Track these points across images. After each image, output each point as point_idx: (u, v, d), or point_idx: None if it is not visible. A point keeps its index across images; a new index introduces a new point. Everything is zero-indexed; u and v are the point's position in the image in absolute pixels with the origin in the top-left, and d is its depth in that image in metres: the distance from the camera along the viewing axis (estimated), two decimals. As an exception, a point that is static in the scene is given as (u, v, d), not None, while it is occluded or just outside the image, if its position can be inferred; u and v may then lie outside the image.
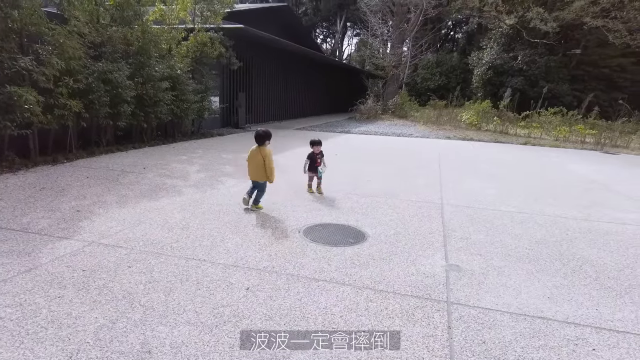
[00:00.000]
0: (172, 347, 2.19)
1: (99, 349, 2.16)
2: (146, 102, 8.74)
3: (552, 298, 2.93)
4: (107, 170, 6.46)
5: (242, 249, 3.56)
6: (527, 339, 2.42)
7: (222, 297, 2.74)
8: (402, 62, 23.37)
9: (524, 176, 7.70)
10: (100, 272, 3.01)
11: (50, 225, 3.94)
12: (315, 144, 5.56)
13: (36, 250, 3.35)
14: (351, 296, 2.83)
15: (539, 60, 21.11)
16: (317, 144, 5.56)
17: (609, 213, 5.29)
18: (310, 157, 5.56)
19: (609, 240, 4.25)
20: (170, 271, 3.09)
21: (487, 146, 12.25)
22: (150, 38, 8.98)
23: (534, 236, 4.26)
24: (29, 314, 2.43)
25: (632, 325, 2.63)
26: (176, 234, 3.86)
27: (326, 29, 51.45)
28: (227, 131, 12.98)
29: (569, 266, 3.52)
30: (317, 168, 5.53)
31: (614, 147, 13.04)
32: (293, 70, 19.68)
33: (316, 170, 5.54)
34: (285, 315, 2.56)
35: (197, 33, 10.68)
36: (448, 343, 2.35)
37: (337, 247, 3.71)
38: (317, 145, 5.56)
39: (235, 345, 2.23)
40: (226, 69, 12.90)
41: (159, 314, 2.50)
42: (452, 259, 3.56)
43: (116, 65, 7.73)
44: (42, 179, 5.74)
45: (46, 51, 6.48)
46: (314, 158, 5.54)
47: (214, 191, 5.50)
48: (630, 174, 8.57)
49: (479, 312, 2.70)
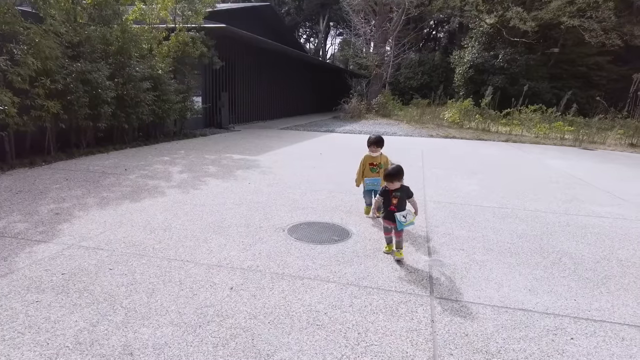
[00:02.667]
0: (154, 348, 2.16)
1: (79, 352, 2.11)
2: (127, 102, 8.59)
3: (533, 290, 3.00)
4: (87, 172, 6.33)
5: (225, 249, 3.54)
6: (508, 330, 2.47)
7: (206, 297, 2.72)
8: (385, 62, 23.53)
9: (506, 172, 7.83)
10: (80, 275, 2.95)
11: (28, 228, 3.84)
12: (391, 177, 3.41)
13: (13, 254, 3.26)
14: (335, 293, 2.84)
15: (519, 58, 21.52)
16: (393, 176, 3.39)
17: (587, 207, 5.43)
18: (384, 194, 3.49)
19: (587, 233, 4.37)
20: (152, 272, 3.05)
21: (469, 144, 12.43)
22: (130, 38, 8.82)
23: (515, 230, 4.34)
24: (5, 320, 2.37)
25: (609, 314, 2.71)
26: (158, 235, 3.81)
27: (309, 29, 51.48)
28: (210, 131, 12.86)
29: (548, 259, 3.60)
30: (394, 214, 3.36)
31: (592, 143, 13.39)
32: (277, 70, 19.62)
33: (393, 218, 3.37)
34: (270, 313, 2.55)
35: (179, 33, 10.54)
36: (431, 337, 2.38)
37: (322, 245, 3.72)
38: (393, 177, 3.39)
39: (218, 345, 2.21)
40: (208, 68, 12.78)
41: (141, 316, 2.46)
42: (435, 254, 3.60)
43: (95, 65, 7.58)
44: (19, 182, 5.60)
45: (21, 51, 6.32)
46: (389, 198, 3.43)
47: (197, 192, 5.44)
48: (606, 169, 8.80)
49: (462, 306, 2.74)
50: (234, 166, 7.29)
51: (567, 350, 2.30)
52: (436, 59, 32.97)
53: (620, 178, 7.72)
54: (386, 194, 3.45)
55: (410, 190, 3.51)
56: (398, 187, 3.42)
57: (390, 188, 3.42)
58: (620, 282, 3.20)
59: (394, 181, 3.40)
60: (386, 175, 3.46)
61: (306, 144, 10.91)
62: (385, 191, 3.46)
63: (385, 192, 3.47)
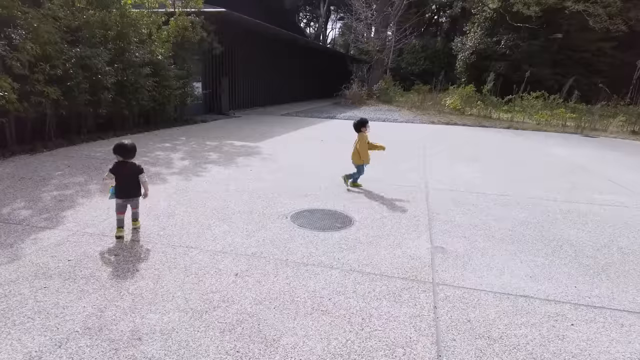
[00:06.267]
0: (162, 334, 2.20)
1: (89, 337, 2.15)
2: (127, 88, 8.54)
3: (534, 277, 3.03)
4: (88, 159, 6.33)
5: (229, 236, 3.56)
6: (510, 316, 2.51)
7: (211, 283, 2.75)
8: (386, 47, 23.29)
9: (507, 160, 7.84)
10: (86, 262, 2.98)
11: (32, 215, 3.86)
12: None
13: (18, 241, 3.29)
14: (339, 279, 2.88)
15: (522, 44, 21.31)
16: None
17: (588, 194, 5.45)
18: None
19: (588, 220, 4.39)
20: (157, 259, 3.08)
21: (470, 130, 12.39)
22: (129, 22, 8.72)
23: (517, 218, 4.36)
24: (15, 305, 2.40)
25: (608, 301, 2.74)
26: (162, 222, 3.83)
27: (309, 13, 50.77)
28: (210, 117, 12.80)
29: (549, 246, 3.63)
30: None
31: (594, 130, 13.35)
32: (277, 56, 19.42)
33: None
34: (275, 299, 2.58)
35: (178, 17, 10.42)
36: (434, 322, 2.42)
37: (325, 232, 3.74)
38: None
39: (225, 330, 2.25)
40: (208, 54, 12.65)
41: (148, 302, 2.50)
42: (437, 241, 3.63)
43: (95, 50, 7.50)
44: (21, 168, 5.60)
45: (19, 36, 6.24)
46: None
47: (199, 178, 5.45)
48: (608, 157, 8.80)
49: (464, 292, 2.77)
50: (235, 153, 7.29)
51: (568, 336, 2.34)
52: (438, 44, 32.64)
53: (621, 166, 7.73)
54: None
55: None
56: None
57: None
58: (620, 269, 3.23)
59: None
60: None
61: (307, 131, 10.88)
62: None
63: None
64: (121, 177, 3.43)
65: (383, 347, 2.17)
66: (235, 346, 2.12)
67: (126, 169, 3.45)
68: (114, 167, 3.40)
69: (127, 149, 3.44)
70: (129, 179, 3.46)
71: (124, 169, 3.43)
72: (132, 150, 3.47)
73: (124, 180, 3.44)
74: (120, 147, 3.42)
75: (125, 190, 3.46)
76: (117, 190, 3.45)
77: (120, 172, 3.42)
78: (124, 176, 3.43)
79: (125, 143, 3.46)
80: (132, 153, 3.48)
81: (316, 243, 3.49)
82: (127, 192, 3.47)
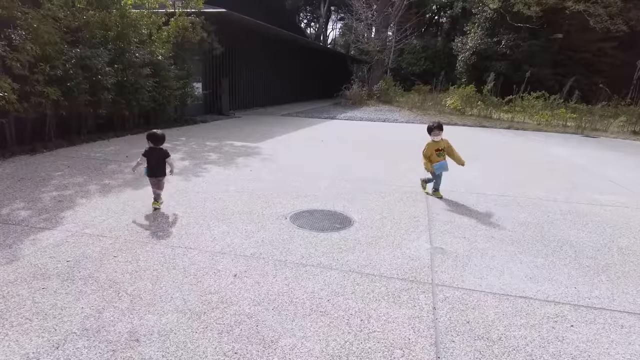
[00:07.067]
0: (160, 335, 2.19)
1: (86, 338, 2.14)
2: (127, 89, 8.53)
3: (534, 278, 3.02)
4: (88, 159, 6.32)
5: (228, 237, 3.56)
6: (509, 318, 2.50)
7: (210, 284, 2.75)
8: (387, 47, 23.28)
9: (507, 160, 7.82)
10: (85, 262, 2.98)
11: (31, 216, 3.86)
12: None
13: (17, 241, 3.28)
14: (338, 280, 2.87)
15: (522, 44, 21.30)
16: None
17: (589, 195, 5.43)
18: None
19: (588, 221, 4.38)
20: (156, 260, 3.07)
21: (470, 131, 12.38)
22: (129, 23, 8.72)
23: (517, 218, 4.35)
24: (13, 306, 2.40)
25: (608, 302, 2.73)
26: (161, 223, 3.83)
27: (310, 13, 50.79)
28: (210, 118, 12.81)
29: (549, 247, 3.62)
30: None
31: (594, 130, 13.33)
32: (278, 56, 19.43)
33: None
34: (273, 300, 2.58)
35: (178, 17, 10.41)
36: (433, 324, 2.41)
37: (324, 233, 3.73)
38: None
39: (223, 331, 2.25)
40: (209, 54, 12.65)
41: (147, 302, 2.49)
42: (436, 242, 3.62)
43: (95, 51, 7.50)
44: (21, 169, 5.60)
45: (19, 36, 6.24)
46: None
47: (199, 179, 5.45)
48: (608, 157, 8.79)
49: (463, 293, 2.76)
50: (235, 153, 7.28)
51: (567, 337, 2.33)
52: (438, 44, 32.63)
53: (622, 166, 7.71)
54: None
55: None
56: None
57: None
58: (620, 270, 3.22)
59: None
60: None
61: (307, 131, 10.88)
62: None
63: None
64: (152, 160, 4.11)
65: (382, 349, 2.16)
66: (233, 347, 2.12)
67: (156, 153, 4.14)
68: (146, 152, 4.10)
69: (157, 137, 4.13)
70: (158, 161, 4.14)
71: (154, 154, 4.13)
72: (161, 138, 4.16)
73: (154, 162, 4.11)
74: (152, 136, 4.12)
75: (154, 171, 4.14)
76: (148, 170, 4.13)
77: (151, 155, 4.11)
78: (154, 159, 4.12)
79: (156, 132, 4.14)
80: (162, 141, 4.17)
81: (315, 244, 3.48)
82: (155, 172, 4.14)
